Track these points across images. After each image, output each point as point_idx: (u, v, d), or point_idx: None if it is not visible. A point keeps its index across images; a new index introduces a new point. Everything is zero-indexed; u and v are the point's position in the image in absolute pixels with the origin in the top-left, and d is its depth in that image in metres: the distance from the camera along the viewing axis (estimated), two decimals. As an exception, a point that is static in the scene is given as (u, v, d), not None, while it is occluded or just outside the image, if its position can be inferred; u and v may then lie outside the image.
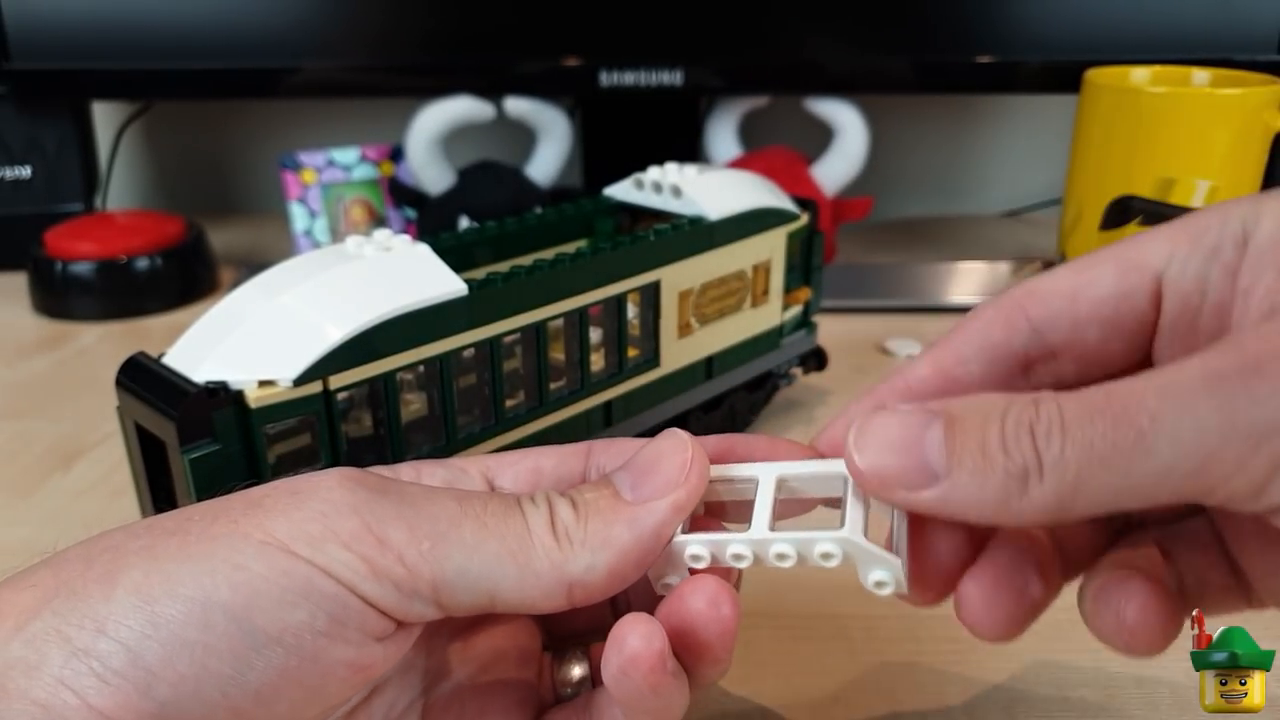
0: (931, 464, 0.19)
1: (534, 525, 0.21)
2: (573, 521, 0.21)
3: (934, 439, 0.19)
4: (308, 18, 0.66)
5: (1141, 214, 0.57)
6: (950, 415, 0.19)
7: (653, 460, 0.22)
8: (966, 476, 0.19)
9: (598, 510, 0.21)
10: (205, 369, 0.29)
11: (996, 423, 0.19)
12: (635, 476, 0.22)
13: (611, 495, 0.22)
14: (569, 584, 0.21)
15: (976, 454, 0.19)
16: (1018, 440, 0.18)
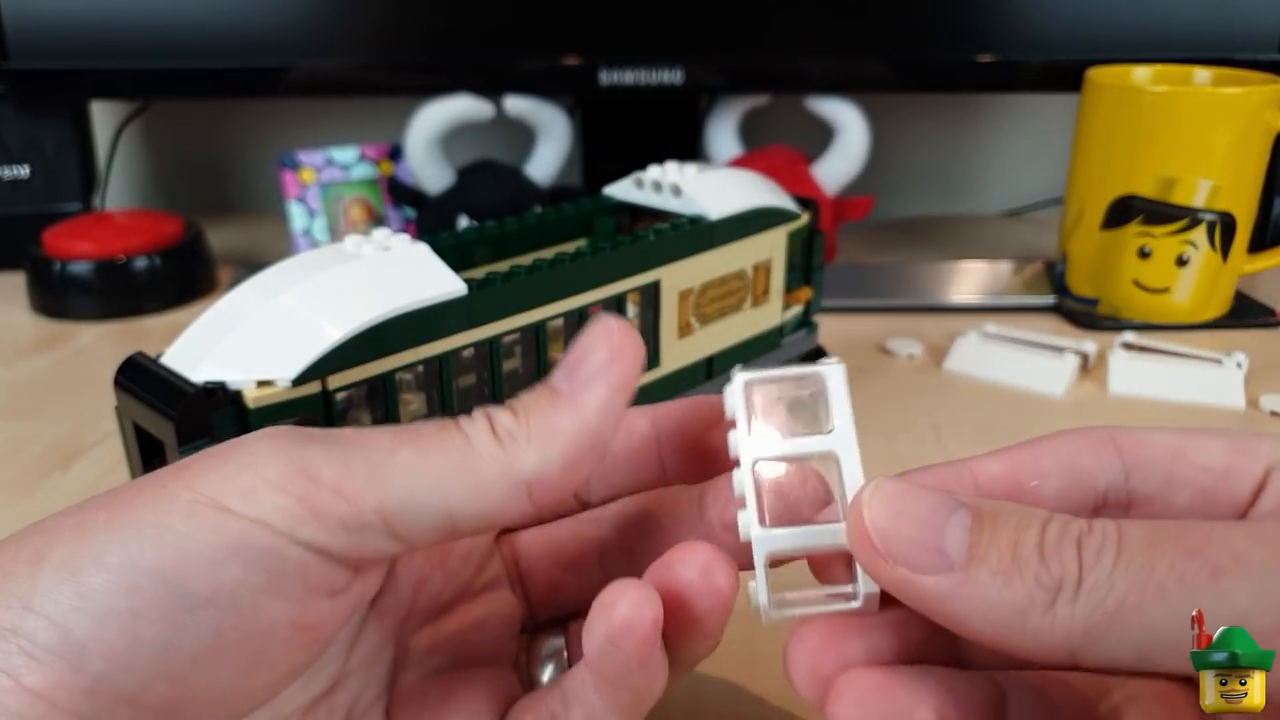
0: (948, 549, 0.17)
1: (474, 436, 0.20)
2: (513, 423, 0.20)
3: (959, 524, 0.18)
4: (306, 17, 0.66)
5: (1142, 214, 0.57)
6: (981, 509, 0.18)
7: (583, 350, 0.21)
8: (987, 575, 0.17)
9: (537, 407, 0.21)
10: (204, 369, 0.29)
11: (1037, 527, 0.17)
12: (568, 369, 0.21)
13: (548, 391, 0.21)
14: (525, 484, 0.20)
15: (1005, 553, 0.17)
16: (1060, 548, 0.17)
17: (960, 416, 0.48)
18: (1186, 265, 0.57)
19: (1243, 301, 0.61)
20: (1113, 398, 0.50)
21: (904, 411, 0.49)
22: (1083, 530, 0.17)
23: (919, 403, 0.50)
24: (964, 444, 0.46)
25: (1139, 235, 0.57)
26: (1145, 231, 0.57)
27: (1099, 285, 0.59)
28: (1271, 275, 0.64)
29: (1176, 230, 0.56)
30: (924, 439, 0.46)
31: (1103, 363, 0.52)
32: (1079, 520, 0.17)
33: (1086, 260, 0.60)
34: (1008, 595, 0.17)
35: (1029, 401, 0.50)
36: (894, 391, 0.51)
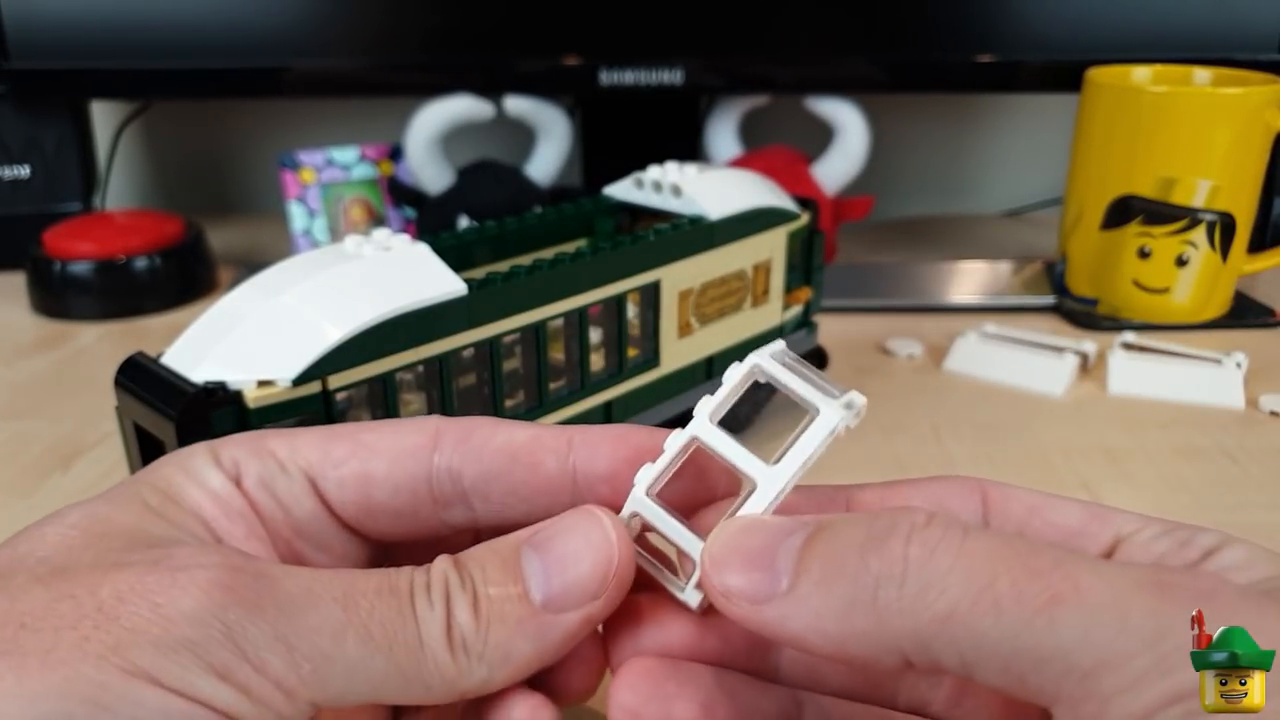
0: (779, 573, 0.17)
1: (427, 635, 0.18)
2: (472, 630, 0.19)
3: (790, 547, 0.17)
4: (307, 17, 0.66)
5: (1142, 214, 0.57)
6: (821, 525, 0.18)
7: (572, 556, 0.20)
8: (810, 587, 0.17)
9: (501, 618, 0.19)
10: (204, 369, 0.29)
11: (864, 526, 0.17)
12: (549, 574, 0.19)
13: (519, 598, 0.19)
14: (461, 693, 0.19)
15: (828, 561, 0.17)
16: (885, 544, 0.16)
17: (960, 416, 0.48)
18: (1186, 265, 0.57)
19: (1242, 301, 0.62)
20: (1112, 398, 0.50)
21: (903, 411, 0.49)
22: (916, 524, 0.16)
23: (919, 403, 0.50)
24: (963, 444, 0.46)
25: (1139, 235, 0.57)
26: (1145, 231, 0.57)
27: (1099, 285, 0.60)
28: (1271, 275, 0.64)
29: (1176, 230, 0.56)
30: (924, 439, 0.46)
31: (1102, 363, 0.52)
32: (916, 513, 0.17)
33: (1086, 260, 0.60)
34: (830, 601, 0.17)
35: (1029, 401, 0.50)
36: (894, 391, 0.51)
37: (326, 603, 0.18)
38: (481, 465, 0.21)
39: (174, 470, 0.21)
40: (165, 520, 0.20)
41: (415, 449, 0.22)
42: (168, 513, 0.20)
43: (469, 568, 0.20)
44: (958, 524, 0.17)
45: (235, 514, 0.21)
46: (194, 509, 0.20)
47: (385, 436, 0.22)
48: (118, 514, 0.20)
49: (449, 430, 0.22)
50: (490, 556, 0.20)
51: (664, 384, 0.40)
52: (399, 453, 0.22)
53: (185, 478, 0.21)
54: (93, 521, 0.19)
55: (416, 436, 0.22)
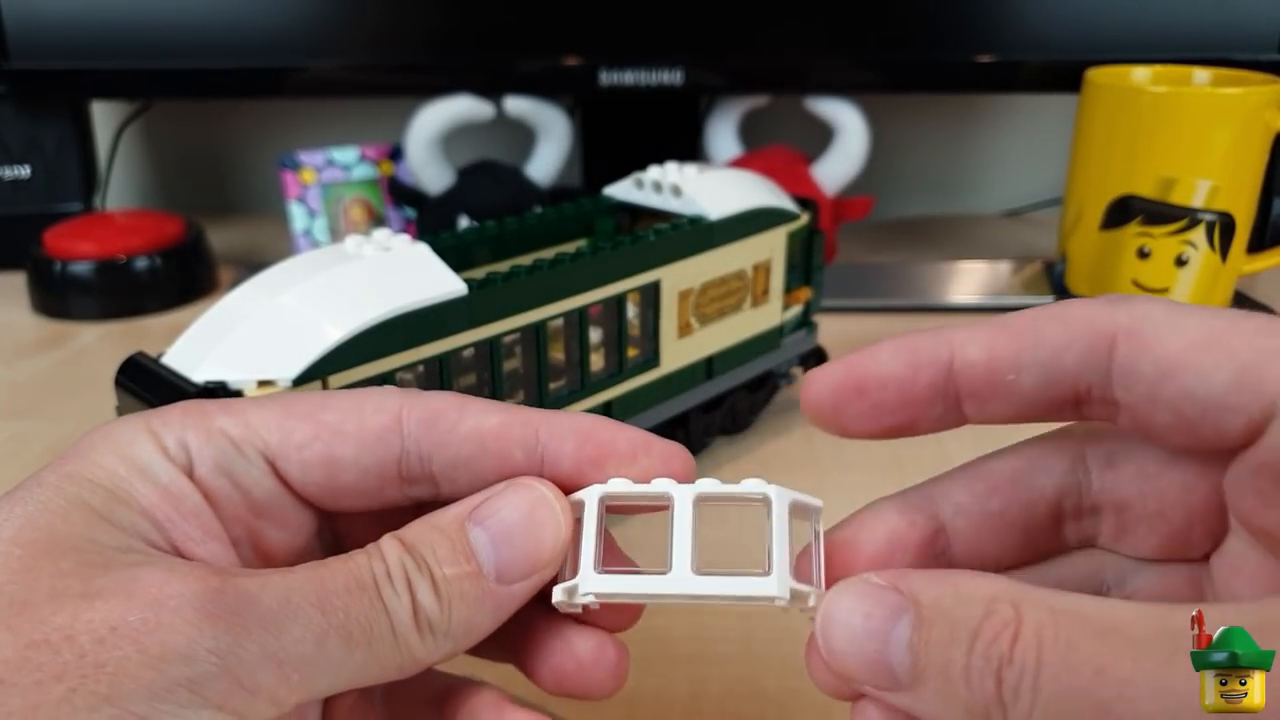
0: (896, 670, 0.18)
1: (398, 623, 0.19)
2: (436, 612, 0.19)
3: (900, 641, 0.18)
4: (307, 17, 0.66)
5: (1142, 214, 0.57)
6: (920, 612, 0.18)
7: (519, 529, 0.20)
8: (931, 695, 0.17)
9: (461, 596, 0.20)
10: (204, 369, 0.29)
11: (964, 646, 0.17)
12: (498, 549, 0.20)
13: (474, 575, 0.20)
14: (428, 666, 0.20)
15: (940, 675, 0.17)
16: (982, 680, 0.17)
17: (960, 416, 0.48)
18: (1186, 265, 0.57)
19: (1242, 302, 0.62)
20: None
21: (904, 411, 0.49)
22: (1003, 657, 0.16)
23: (919, 403, 0.50)
24: (963, 444, 0.46)
25: (1138, 235, 0.57)
26: (1144, 232, 0.57)
27: (1098, 285, 0.60)
28: (1271, 275, 0.64)
29: (1176, 230, 0.56)
30: (922, 440, 0.46)
31: (1102, 363, 0.52)
32: (1004, 631, 0.17)
33: (1086, 260, 0.60)
34: (952, 711, 0.17)
35: (1029, 401, 0.50)
36: (894, 391, 0.51)
37: (305, 610, 0.18)
38: (450, 452, 0.21)
39: (115, 462, 0.20)
40: (113, 525, 0.19)
41: (382, 431, 0.21)
42: (115, 516, 0.19)
43: (420, 550, 0.20)
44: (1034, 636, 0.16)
45: (188, 512, 0.20)
46: (143, 508, 0.19)
47: (349, 417, 0.21)
48: (60, 523, 0.18)
49: (413, 410, 0.21)
50: (437, 536, 0.20)
51: (664, 384, 0.40)
52: (365, 436, 0.21)
53: (129, 470, 0.20)
54: (35, 535, 0.18)
55: (381, 417, 0.21)
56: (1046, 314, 0.20)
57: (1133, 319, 0.19)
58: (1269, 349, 0.17)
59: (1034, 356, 0.20)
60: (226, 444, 0.21)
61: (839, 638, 0.18)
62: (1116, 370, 0.19)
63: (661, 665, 0.32)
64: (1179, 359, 0.18)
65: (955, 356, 0.20)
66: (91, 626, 0.16)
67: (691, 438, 0.43)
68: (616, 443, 0.21)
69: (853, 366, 0.21)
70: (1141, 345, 0.19)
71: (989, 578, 0.18)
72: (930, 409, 0.21)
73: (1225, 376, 0.18)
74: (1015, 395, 0.20)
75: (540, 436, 0.21)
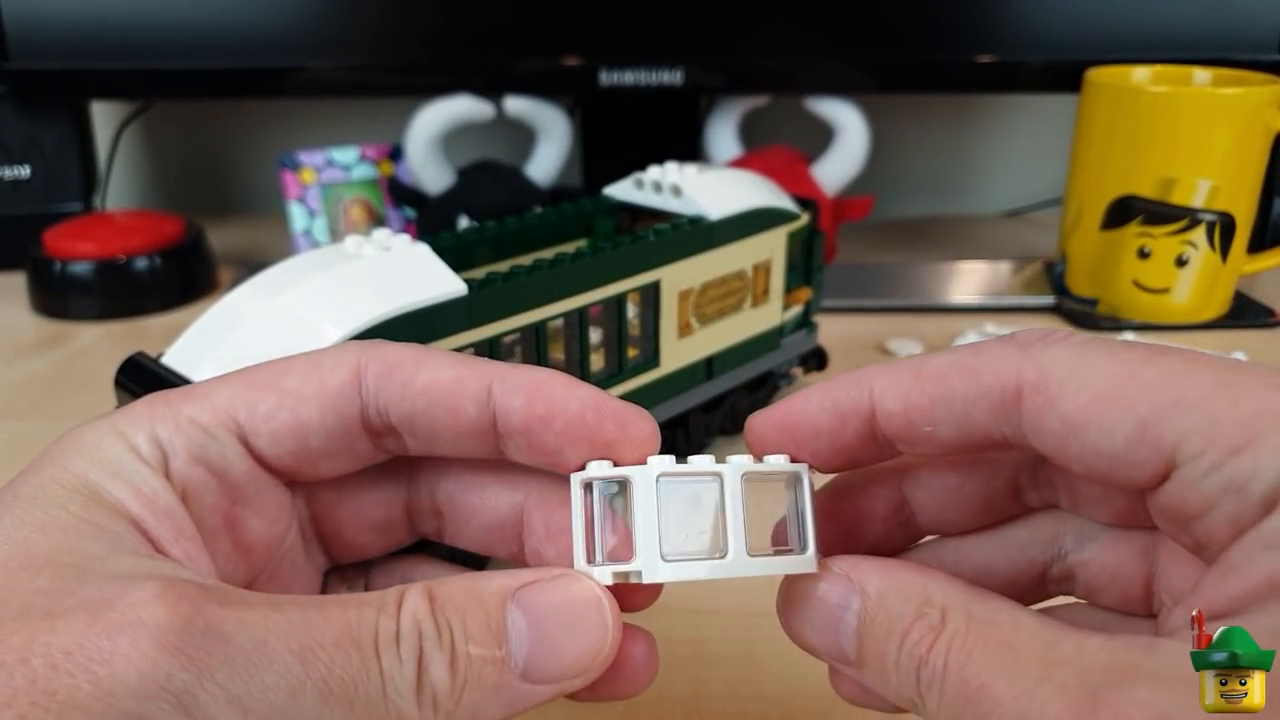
0: (847, 652, 0.20)
1: (393, 691, 0.17)
2: (446, 691, 0.18)
3: (849, 628, 0.20)
4: (308, 17, 0.66)
5: (1142, 214, 0.57)
6: (866, 603, 0.20)
7: (563, 634, 0.19)
8: (873, 677, 0.20)
9: (478, 681, 0.18)
10: (204, 369, 0.29)
11: (896, 642, 0.19)
12: (535, 647, 0.19)
13: (500, 662, 0.18)
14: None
15: (878, 662, 0.19)
16: (907, 674, 0.19)
17: (960, 416, 0.48)
18: (1186, 265, 0.57)
19: (1242, 302, 0.62)
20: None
21: (904, 411, 0.49)
22: (921, 661, 0.19)
23: (919, 403, 0.50)
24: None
25: (1138, 235, 0.57)
26: (1145, 232, 0.57)
27: (1098, 285, 0.60)
28: (1271, 275, 0.64)
29: (1176, 230, 0.56)
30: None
31: (1102, 363, 0.52)
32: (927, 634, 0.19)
33: (1086, 260, 0.60)
34: (888, 692, 0.19)
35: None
36: (894, 391, 0.51)
37: (282, 657, 0.17)
38: (405, 405, 0.21)
39: (86, 465, 0.19)
40: (96, 527, 0.18)
41: (341, 388, 0.21)
42: (96, 518, 0.18)
43: (448, 617, 0.18)
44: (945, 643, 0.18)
45: (162, 512, 0.19)
46: (119, 510, 0.19)
47: (308, 380, 0.21)
48: (37, 536, 0.18)
49: (371, 362, 0.21)
50: (473, 608, 0.18)
51: (664, 384, 0.40)
52: (327, 395, 0.21)
53: (100, 473, 0.19)
54: (13, 551, 0.17)
55: (340, 373, 0.21)
56: (958, 364, 0.20)
57: (1039, 371, 0.19)
58: (1165, 401, 0.18)
59: (947, 411, 0.20)
60: (197, 431, 0.20)
61: (798, 620, 0.21)
62: (1026, 425, 0.19)
63: (662, 665, 0.32)
64: (1081, 416, 0.18)
65: (875, 407, 0.21)
66: (48, 650, 0.16)
67: (691, 438, 0.43)
68: (567, 401, 0.20)
69: (785, 418, 0.22)
70: (1046, 401, 0.19)
71: (929, 575, 0.20)
72: (865, 451, 0.22)
73: (1125, 433, 0.18)
74: (937, 443, 0.21)
75: (493, 391, 0.21)
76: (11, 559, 0.17)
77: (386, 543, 0.24)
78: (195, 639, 0.16)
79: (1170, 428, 0.18)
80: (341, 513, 0.23)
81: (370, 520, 0.23)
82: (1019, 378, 0.19)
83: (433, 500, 0.23)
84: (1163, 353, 0.19)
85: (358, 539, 0.23)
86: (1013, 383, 0.19)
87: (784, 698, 0.31)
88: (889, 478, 0.23)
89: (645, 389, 0.40)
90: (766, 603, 0.21)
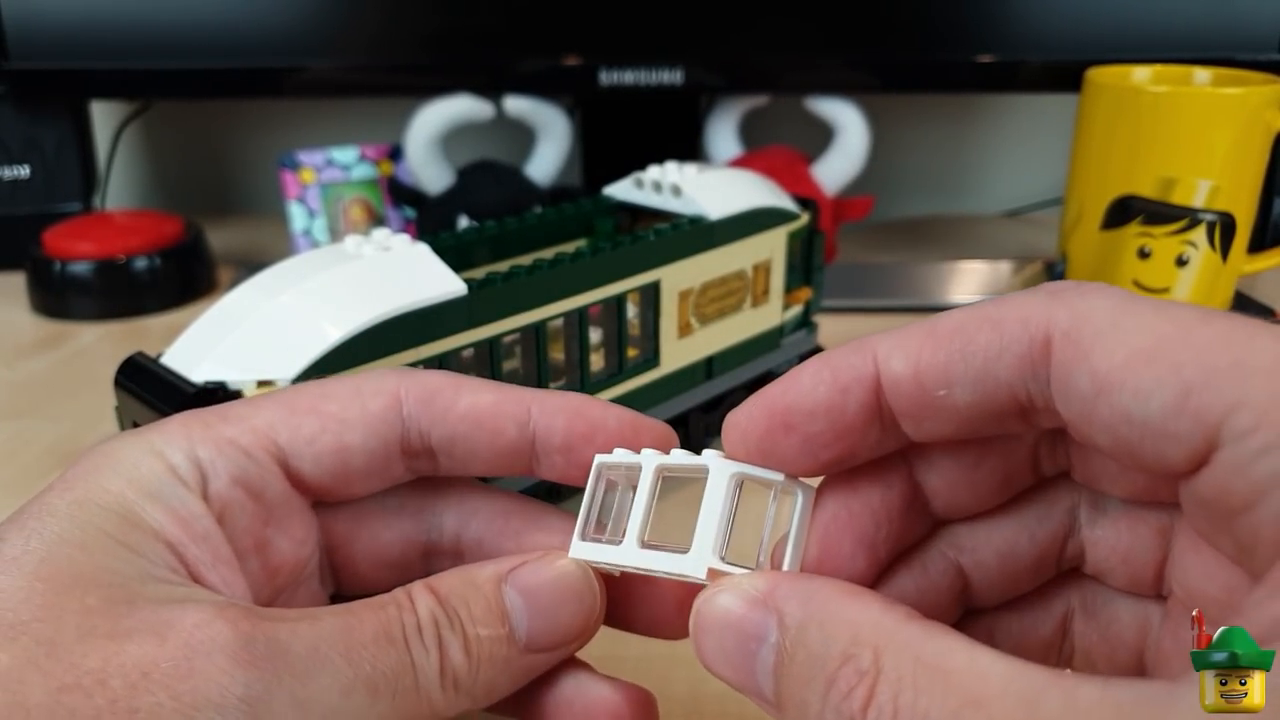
0: (764, 692, 0.17)
1: (424, 679, 0.19)
2: (465, 671, 0.19)
3: (765, 667, 0.17)
4: (308, 17, 0.66)
5: (1142, 214, 0.57)
6: (784, 638, 0.17)
7: (554, 604, 0.20)
8: (793, 715, 0.17)
9: (490, 659, 0.20)
10: (204, 369, 0.29)
11: (819, 691, 0.16)
12: (532, 619, 0.20)
13: (505, 639, 0.20)
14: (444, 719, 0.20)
15: (799, 712, 0.16)
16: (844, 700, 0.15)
17: (960, 416, 0.48)
18: (1186, 265, 0.57)
19: (1242, 302, 0.62)
20: (1112, 398, 0.50)
21: (904, 411, 0.48)
22: (854, 712, 0.15)
23: (919, 403, 0.50)
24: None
25: (1139, 235, 0.57)
26: (1145, 232, 0.57)
27: (1099, 285, 0.59)
28: (1271, 275, 0.64)
29: (1176, 230, 0.56)
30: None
31: (1102, 363, 0.52)
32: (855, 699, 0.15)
33: (1086, 260, 0.60)
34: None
35: (1029, 401, 0.50)
36: (894, 391, 0.51)
37: (333, 660, 0.18)
38: (447, 428, 0.22)
39: (123, 485, 0.19)
40: (132, 551, 0.18)
41: (384, 413, 0.22)
42: (133, 541, 0.19)
43: (453, 604, 0.20)
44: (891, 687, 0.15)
45: (199, 535, 0.20)
46: (156, 533, 0.19)
47: (350, 405, 0.22)
48: (80, 554, 0.18)
49: (411, 389, 0.22)
50: (473, 594, 0.20)
51: (664, 384, 0.40)
52: (370, 419, 0.21)
53: (138, 493, 0.19)
54: (56, 569, 0.17)
55: (381, 399, 0.22)
56: (978, 315, 0.18)
57: (1072, 318, 0.16)
58: (1218, 366, 0.15)
59: (965, 368, 0.17)
60: (238, 454, 0.21)
61: (710, 648, 0.18)
62: (1054, 381, 0.17)
63: (662, 665, 0.32)
64: (1116, 375, 0.16)
65: (881, 371, 0.18)
66: (124, 670, 0.16)
67: (691, 438, 0.43)
68: (606, 420, 0.22)
69: (774, 400, 0.19)
70: (1078, 353, 0.16)
71: (861, 603, 0.16)
72: (866, 435, 0.19)
73: (1166, 398, 0.15)
74: (951, 412, 0.18)
75: (532, 413, 0.22)
76: (57, 576, 0.17)
77: (398, 579, 0.24)
78: (260, 651, 0.17)
79: (1218, 396, 0.15)
80: (358, 546, 0.24)
81: (387, 556, 0.24)
82: (1049, 324, 0.17)
83: (456, 543, 0.24)
84: (1221, 315, 0.16)
85: (371, 573, 0.24)
86: (1042, 330, 0.17)
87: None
88: (897, 465, 0.20)
89: (645, 389, 0.40)
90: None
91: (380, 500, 0.23)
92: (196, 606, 0.18)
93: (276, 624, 0.18)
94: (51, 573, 0.17)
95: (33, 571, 0.17)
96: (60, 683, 0.16)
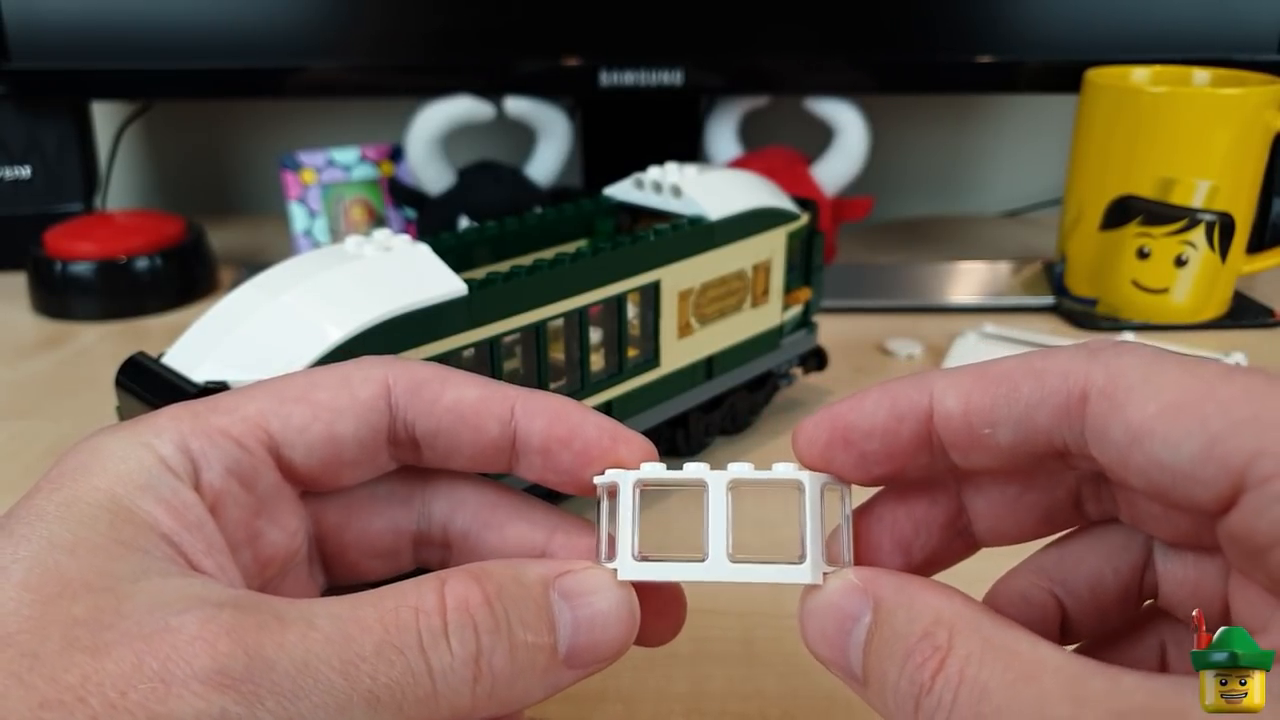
0: (854, 670, 0.19)
1: (444, 686, 0.18)
2: (505, 677, 0.19)
3: (857, 644, 0.19)
4: (308, 18, 0.66)
5: (1141, 214, 0.57)
6: (876, 618, 0.19)
7: (601, 622, 0.20)
8: (875, 699, 0.19)
9: (531, 669, 0.19)
10: (205, 369, 0.29)
11: (898, 663, 0.18)
12: (578, 634, 0.20)
13: (550, 651, 0.19)
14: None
15: (879, 683, 0.18)
16: (905, 700, 0.18)
17: (960, 416, 0.48)
18: (1185, 266, 0.57)
19: (1241, 302, 0.62)
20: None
21: (904, 411, 0.49)
22: (923, 689, 0.17)
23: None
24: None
25: (1138, 236, 0.57)
26: (1144, 232, 0.57)
27: (1098, 286, 0.60)
28: (1270, 275, 0.64)
29: (1175, 231, 0.56)
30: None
31: (1102, 363, 0.52)
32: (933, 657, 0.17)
33: (1085, 261, 0.60)
34: (889, 716, 0.18)
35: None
36: (894, 391, 0.51)
37: (326, 676, 0.17)
38: (432, 421, 0.22)
39: (113, 481, 0.19)
40: (125, 548, 0.18)
41: (373, 401, 0.22)
42: (126, 537, 0.18)
43: (504, 606, 0.19)
44: (957, 668, 0.17)
45: (193, 525, 0.19)
46: (150, 525, 0.19)
47: (339, 393, 0.22)
48: (68, 560, 0.17)
49: (399, 379, 0.22)
50: (523, 595, 0.19)
51: (664, 384, 0.40)
52: (359, 408, 0.21)
53: (129, 488, 0.19)
54: (44, 577, 0.17)
55: (370, 387, 0.22)
56: (1024, 366, 0.19)
57: (1108, 375, 0.18)
58: (1242, 418, 0.17)
59: (1008, 412, 0.19)
60: (231, 444, 0.20)
61: (813, 631, 0.20)
62: (1089, 431, 0.18)
63: (662, 664, 0.32)
64: (1148, 425, 0.17)
65: (935, 407, 0.20)
66: (103, 689, 0.16)
67: (691, 438, 0.43)
68: (585, 426, 0.22)
69: (838, 418, 0.21)
70: (1112, 407, 0.18)
71: (945, 594, 0.19)
72: (916, 459, 0.21)
73: (1194, 447, 0.17)
74: (995, 449, 0.20)
75: (515, 412, 0.22)
76: (44, 585, 0.17)
77: (388, 568, 0.24)
78: (240, 671, 0.16)
79: (1241, 446, 0.16)
80: (348, 535, 0.23)
81: (377, 546, 0.24)
82: (1087, 381, 0.18)
83: (444, 533, 0.24)
84: (1243, 371, 0.18)
85: (361, 563, 0.24)
86: (1080, 386, 0.18)
87: (784, 696, 0.31)
88: (947, 483, 0.22)
89: (645, 389, 0.40)
90: (766, 602, 0.22)
91: (370, 489, 0.23)
92: (182, 616, 0.17)
93: (263, 635, 0.17)
94: (39, 581, 0.17)
95: (20, 581, 0.17)
96: (42, 698, 0.16)
